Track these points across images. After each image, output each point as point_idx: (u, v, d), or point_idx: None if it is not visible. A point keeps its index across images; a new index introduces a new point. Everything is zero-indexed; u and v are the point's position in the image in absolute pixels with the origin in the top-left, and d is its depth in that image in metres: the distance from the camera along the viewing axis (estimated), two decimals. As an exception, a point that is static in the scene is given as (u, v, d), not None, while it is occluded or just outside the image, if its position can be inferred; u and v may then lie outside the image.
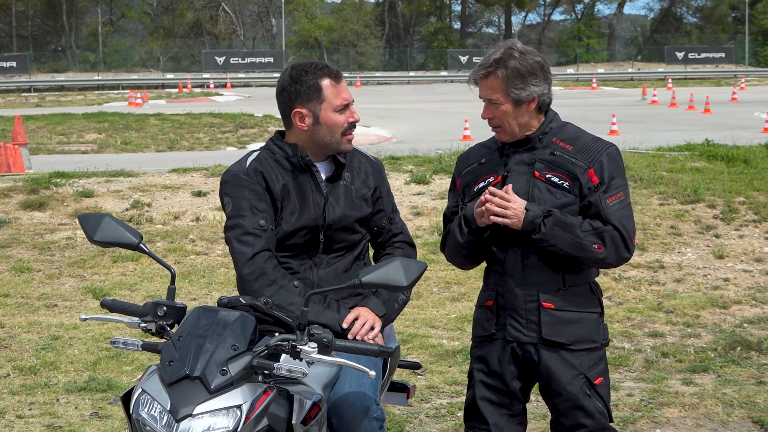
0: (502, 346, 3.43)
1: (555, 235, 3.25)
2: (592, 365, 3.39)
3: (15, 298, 8.02)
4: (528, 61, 3.31)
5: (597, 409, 3.38)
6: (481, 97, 3.40)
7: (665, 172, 11.63)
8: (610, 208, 3.30)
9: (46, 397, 5.70)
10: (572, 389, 3.36)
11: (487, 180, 3.43)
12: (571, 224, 3.26)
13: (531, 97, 3.32)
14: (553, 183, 3.33)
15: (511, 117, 3.34)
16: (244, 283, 3.25)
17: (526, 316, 3.37)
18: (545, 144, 3.38)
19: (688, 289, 8.23)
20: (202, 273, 8.77)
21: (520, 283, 3.36)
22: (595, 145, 3.37)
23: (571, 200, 3.31)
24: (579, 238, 3.25)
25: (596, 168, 3.31)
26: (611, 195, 3.31)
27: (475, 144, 3.64)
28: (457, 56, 56.39)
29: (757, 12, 63.16)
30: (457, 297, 8.05)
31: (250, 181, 3.31)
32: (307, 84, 3.31)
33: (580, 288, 3.39)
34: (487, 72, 3.33)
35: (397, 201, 9.21)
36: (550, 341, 3.35)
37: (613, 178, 3.32)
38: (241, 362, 2.72)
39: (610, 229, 3.28)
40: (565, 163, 3.33)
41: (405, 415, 5.41)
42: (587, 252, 3.27)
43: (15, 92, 43.31)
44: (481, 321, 3.50)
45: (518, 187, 3.34)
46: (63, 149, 20.89)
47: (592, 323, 3.40)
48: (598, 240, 3.27)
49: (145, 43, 64.49)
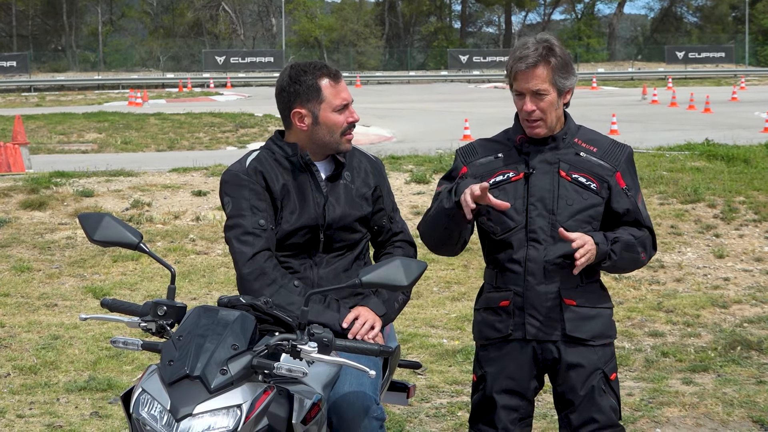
0: (521, 346, 3.40)
1: (623, 257, 3.32)
2: (607, 360, 3.42)
3: (15, 298, 8.02)
4: (566, 52, 3.36)
5: (611, 406, 3.41)
6: (520, 91, 3.31)
7: (665, 171, 11.64)
8: (643, 212, 3.40)
9: (46, 397, 5.70)
10: (590, 384, 3.37)
11: (505, 174, 3.39)
12: (633, 244, 3.33)
13: (570, 88, 3.36)
14: (580, 183, 3.34)
15: (553, 108, 3.32)
16: (244, 282, 3.24)
17: (547, 314, 3.36)
18: (568, 144, 3.38)
19: (688, 288, 8.24)
20: (202, 272, 8.77)
21: (541, 281, 3.35)
22: (616, 148, 3.42)
23: (598, 201, 3.34)
24: (637, 254, 3.35)
25: (622, 171, 3.37)
26: (638, 197, 3.40)
27: (478, 139, 3.58)
28: (457, 56, 56.37)
29: (757, 11, 63.14)
30: (457, 296, 8.05)
31: (249, 180, 3.30)
32: (306, 84, 3.31)
33: (594, 284, 3.42)
34: (537, 61, 3.28)
35: (398, 200, 9.21)
36: (572, 337, 3.36)
37: (635, 180, 3.42)
38: (241, 362, 2.72)
39: (647, 234, 3.38)
40: (592, 165, 3.35)
41: (405, 414, 5.41)
42: (638, 263, 3.41)
43: (15, 92, 43.30)
44: (491, 323, 3.44)
45: (542, 186, 3.34)
46: (63, 149, 20.89)
47: (606, 318, 3.44)
48: (643, 248, 3.37)
49: (145, 43, 64.47)
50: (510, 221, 3.36)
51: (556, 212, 3.32)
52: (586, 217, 3.33)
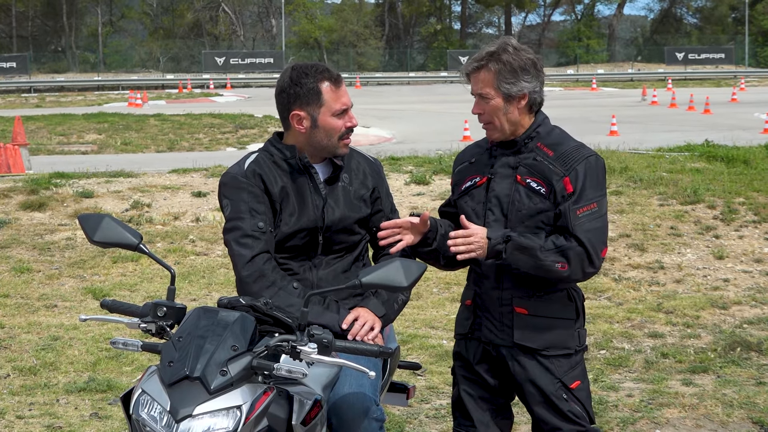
0: (477, 345, 3.47)
1: (517, 259, 3.23)
2: (567, 370, 3.38)
3: (15, 299, 8.02)
4: (521, 57, 3.29)
5: (575, 413, 3.37)
6: (472, 93, 3.37)
7: (665, 172, 11.63)
8: (578, 220, 3.23)
9: (45, 398, 5.70)
10: (548, 394, 3.35)
11: (473, 180, 3.43)
12: (531, 247, 3.21)
13: (522, 93, 3.30)
14: (531, 188, 3.30)
15: (501, 113, 3.31)
16: (243, 285, 3.24)
17: (500, 319, 3.38)
18: (530, 148, 3.35)
19: (688, 289, 8.24)
20: (202, 273, 8.77)
21: (495, 286, 3.38)
22: (575, 153, 3.31)
23: (547, 206, 3.28)
24: (540, 260, 3.21)
25: (572, 177, 3.26)
26: (583, 206, 3.24)
27: (472, 143, 3.64)
28: (457, 57, 56.37)
29: (756, 13, 63.17)
30: (457, 297, 8.04)
31: (248, 183, 3.30)
32: (306, 87, 3.31)
33: (556, 294, 3.36)
34: (479, 65, 3.32)
35: (397, 202, 9.22)
36: (522, 346, 3.35)
37: (587, 188, 3.26)
38: (241, 363, 2.72)
39: (575, 246, 3.21)
40: (544, 169, 3.30)
41: (405, 415, 5.41)
42: (550, 272, 3.24)
43: (15, 93, 43.30)
44: (461, 319, 3.55)
45: (501, 190, 3.35)
46: (63, 150, 20.89)
47: (565, 330, 3.37)
48: (562, 258, 3.22)
49: (145, 44, 64.50)
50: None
51: (509, 217, 3.32)
52: (536, 222, 3.29)
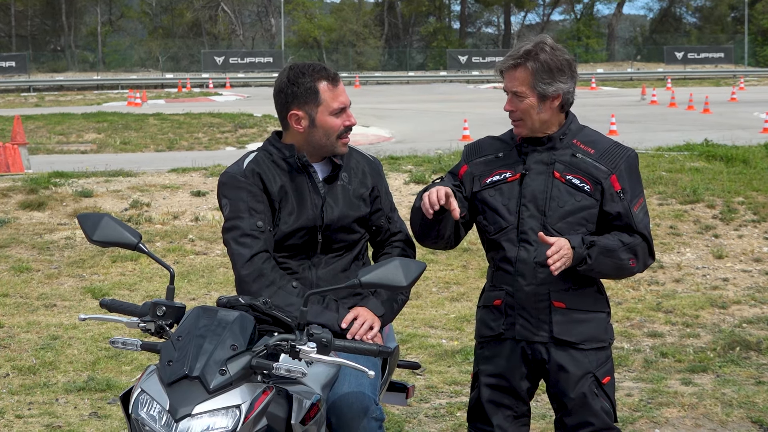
0: (511, 346, 3.42)
1: (601, 262, 3.27)
2: (600, 364, 3.40)
3: (14, 298, 8.02)
4: (558, 57, 3.30)
5: (603, 409, 3.39)
6: (505, 90, 3.37)
7: (664, 172, 11.64)
8: (637, 217, 3.33)
9: (45, 397, 5.70)
10: (581, 388, 3.36)
11: (502, 174, 3.41)
12: (614, 249, 3.27)
13: (556, 94, 3.31)
14: (573, 185, 3.32)
15: (534, 112, 3.32)
16: (242, 284, 3.24)
17: (536, 315, 3.37)
18: (566, 145, 3.37)
19: (688, 289, 8.24)
20: (201, 273, 8.77)
21: (531, 282, 3.35)
22: (616, 150, 3.38)
23: (591, 203, 3.32)
24: (621, 260, 3.29)
25: (618, 174, 3.32)
26: (635, 202, 3.34)
27: (486, 136, 3.60)
28: (456, 56, 56.39)
29: (756, 12, 63.14)
30: (456, 297, 8.05)
31: (247, 182, 3.30)
32: (304, 86, 3.31)
33: (589, 288, 3.40)
34: (516, 63, 3.31)
35: (397, 201, 9.21)
36: (560, 340, 3.35)
37: (634, 184, 3.35)
38: (240, 362, 2.72)
39: (640, 241, 3.32)
40: (587, 167, 3.33)
41: (404, 414, 5.41)
42: (626, 270, 3.34)
43: (14, 92, 43.28)
44: (487, 321, 3.48)
45: (535, 187, 3.34)
46: (62, 149, 20.88)
47: (600, 323, 3.41)
48: (632, 255, 3.31)
49: (144, 43, 64.45)
50: (502, 221, 3.38)
51: (547, 213, 3.32)
52: (578, 219, 3.32)
